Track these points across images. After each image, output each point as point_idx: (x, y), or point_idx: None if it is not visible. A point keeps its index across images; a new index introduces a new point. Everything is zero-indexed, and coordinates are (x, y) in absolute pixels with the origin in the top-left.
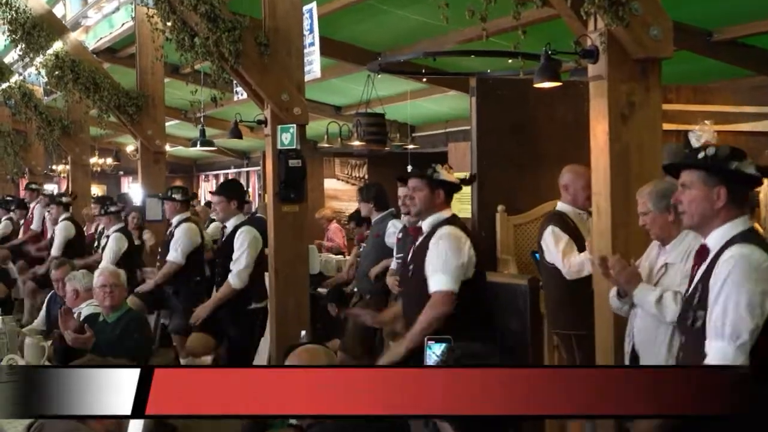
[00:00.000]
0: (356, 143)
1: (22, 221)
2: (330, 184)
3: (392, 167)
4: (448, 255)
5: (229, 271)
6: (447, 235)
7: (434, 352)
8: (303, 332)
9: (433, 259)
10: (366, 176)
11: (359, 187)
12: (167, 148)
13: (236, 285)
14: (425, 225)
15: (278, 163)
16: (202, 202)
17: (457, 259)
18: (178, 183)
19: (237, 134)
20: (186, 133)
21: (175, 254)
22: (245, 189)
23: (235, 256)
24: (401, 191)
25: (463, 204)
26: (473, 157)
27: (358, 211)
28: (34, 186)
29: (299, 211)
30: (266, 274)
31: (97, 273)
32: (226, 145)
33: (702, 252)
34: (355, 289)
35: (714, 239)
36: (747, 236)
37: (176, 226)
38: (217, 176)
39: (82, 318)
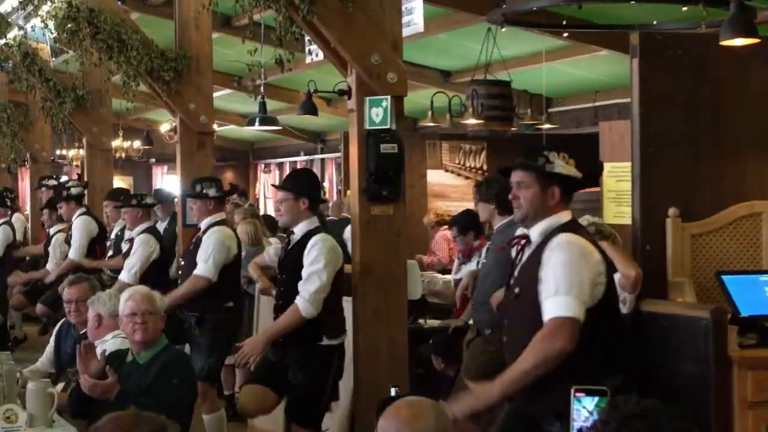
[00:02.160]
0: (472, 122)
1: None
2: (435, 177)
3: (520, 154)
4: (571, 270)
5: (295, 292)
6: (566, 244)
7: (585, 407)
8: (394, 389)
9: (549, 277)
10: (485, 167)
11: (476, 181)
12: (215, 127)
13: (307, 311)
14: (534, 233)
15: (366, 149)
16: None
17: (582, 276)
18: (228, 174)
19: (310, 109)
20: (240, 108)
21: (204, 266)
22: (321, 182)
23: (305, 273)
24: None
25: (620, 206)
26: (634, 142)
27: (465, 213)
28: (51, 182)
29: (394, 214)
30: (345, 300)
31: (123, 296)
32: (294, 124)
33: None
34: (470, 322)
35: None
36: None
37: (204, 231)
38: (281, 166)
39: (105, 355)
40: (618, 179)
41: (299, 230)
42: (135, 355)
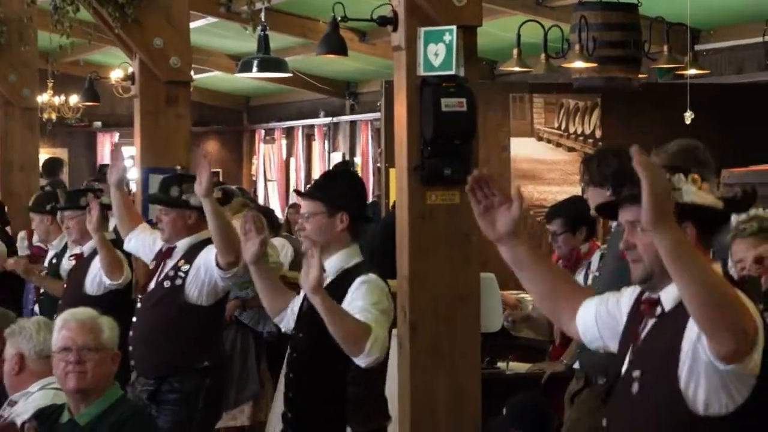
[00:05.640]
0: (578, 65)
1: None
2: (523, 149)
3: (652, 114)
4: None
5: (317, 359)
6: None
7: None
8: None
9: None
10: (597, 133)
11: (584, 155)
12: (192, 74)
13: (368, 353)
14: (667, 297)
15: (420, 106)
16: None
17: None
18: (212, 145)
19: (335, 47)
20: (230, 45)
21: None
22: (364, 186)
23: (365, 315)
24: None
25: None
26: None
27: (572, 202)
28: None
29: (463, 203)
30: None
31: (57, 324)
32: (311, 70)
33: None
34: (575, 366)
35: None
36: None
37: (186, 259)
38: (290, 132)
39: (28, 414)
40: None
41: (333, 265)
42: (72, 413)
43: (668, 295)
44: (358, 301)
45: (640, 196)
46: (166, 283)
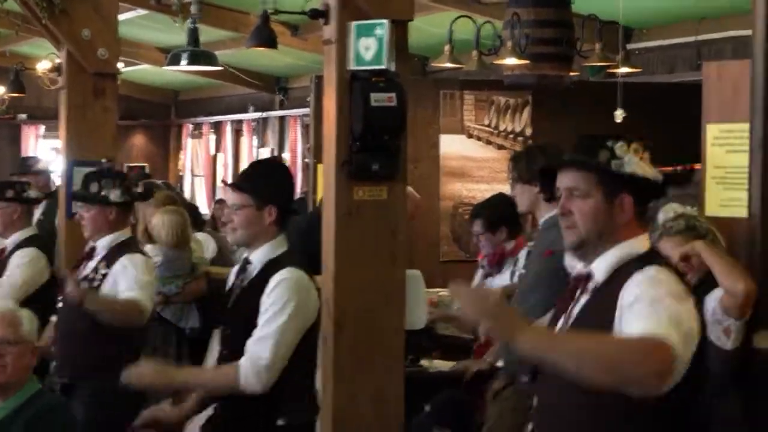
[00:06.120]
0: (510, 62)
1: None
2: (453, 146)
3: (583, 113)
4: (666, 302)
5: (238, 350)
6: (654, 281)
7: None
8: None
9: (636, 307)
10: (528, 131)
11: (513, 153)
12: (120, 67)
13: (248, 384)
14: (599, 268)
15: (349, 100)
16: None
17: (681, 313)
18: (139, 139)
19: (265, 40)
20: (159, 38)
21: (140, 292)
22: (292, 177)
23: (260, 324)
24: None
25: (731, 190)
26: (756, 93)
27: (495, 200)
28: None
29: (390, 200)
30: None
31: None
32: (240, 64)
33: None
34: (499, 364)
35: None
36: None
37: (107, 260)
38: (218, 126)
39: None
40: (729, 149)
41: (259, 257)
42: None
43: (599, 265)
44: (266, 312)
45: (577, 161)
46: (84, 285)
